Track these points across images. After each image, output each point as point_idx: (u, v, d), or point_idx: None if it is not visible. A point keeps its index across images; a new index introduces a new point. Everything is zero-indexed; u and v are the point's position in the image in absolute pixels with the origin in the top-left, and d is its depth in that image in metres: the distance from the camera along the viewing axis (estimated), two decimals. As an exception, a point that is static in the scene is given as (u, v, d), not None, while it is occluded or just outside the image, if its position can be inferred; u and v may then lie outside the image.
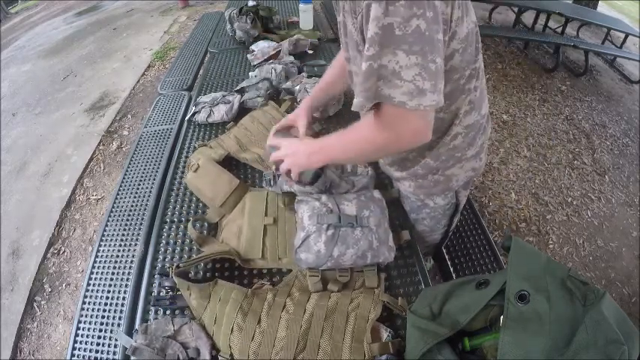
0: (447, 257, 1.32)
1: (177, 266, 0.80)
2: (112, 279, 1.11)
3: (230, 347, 0.70)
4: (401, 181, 0.96)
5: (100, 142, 2.96)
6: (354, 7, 0.63)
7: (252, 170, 1.14)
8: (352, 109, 0.66)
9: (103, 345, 0.98)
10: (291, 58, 1.63)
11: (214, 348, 0.72)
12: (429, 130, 0.65)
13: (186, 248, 0.94)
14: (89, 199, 2.49)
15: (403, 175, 0.93)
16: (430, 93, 0.58)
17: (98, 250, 1.20)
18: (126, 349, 0.71)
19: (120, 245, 1.19)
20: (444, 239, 1.19)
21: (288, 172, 0.86)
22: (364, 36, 0.61)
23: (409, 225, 1.01)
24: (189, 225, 0.94)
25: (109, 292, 1.08)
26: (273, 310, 0.74)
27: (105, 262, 1.16)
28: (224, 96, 1.38)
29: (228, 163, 1.13)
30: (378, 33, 0.56)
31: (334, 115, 1.33)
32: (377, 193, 0.92)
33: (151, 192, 1.33)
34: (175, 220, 1.02)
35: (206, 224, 0.99)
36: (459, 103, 0.76)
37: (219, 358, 0.70)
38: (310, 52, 1.78)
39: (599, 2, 5.21)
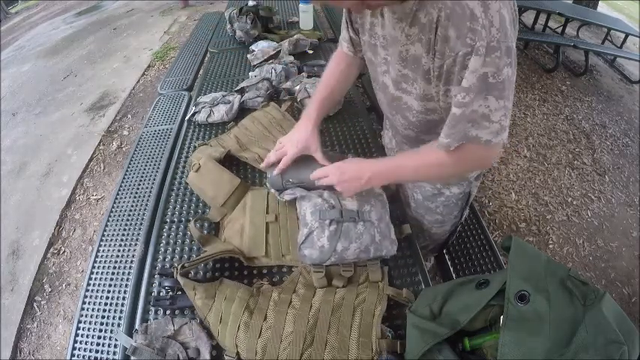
0: (447, 257, 1.32)
1: (183, 266, 0.79)
2: (112, 279, 1.11)
3: (237, 346, 0.70)
4: None
5: (100, 142, 2.96)
6: (442, 49, 0.62)
7: (252, 170, 1.14)
8: (437, 147, 0.70)
9: (103, 345, 0.98)
10: (291, 58, 1.63)
11: (214, 348, 0.72)
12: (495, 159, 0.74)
13: (187, 248, 0.94)
14: (89, 199, 2.49)
15: None
16: (508, 128, 0.64)
17: (98, 250, 1.20)
18: (126, 349, 0.71)
19: (120, 245, 1.19)
20: (451, 236, 1.20)
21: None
22: (446, 77, 0.65)
23: (411, 218, 1.02)
24: (191, 224, 0.94)
25: (109, 292, 1.08)
26: (279, 306, 0.75)
27: (105, 262, 1.16)
28: (224, 96, 1.38)
29: (229, 162, 1.14)
30: (476, 84, 0.60)
31: (334, 115, 1.33)
32: (377, 188, 0.92)
33: (151, 192, 1.33)
34: (175, 220, 1.02)
35: (207, 224, 0.99)
36: None
37: (226, 357, 0.70)
38: (310, 52, 1.78)
39: (599, 2, 5.21)
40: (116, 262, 1.15)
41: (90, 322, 1.03)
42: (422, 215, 1.11)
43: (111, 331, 1.00)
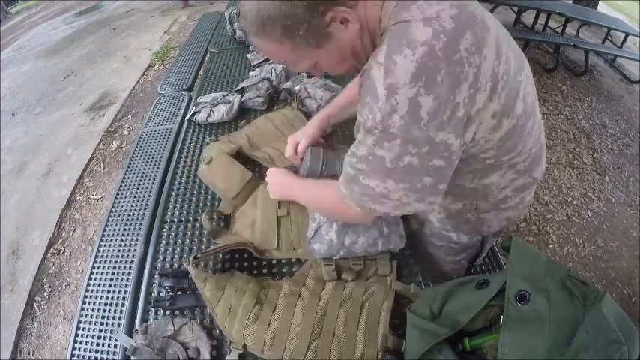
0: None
1: (195, 257, 0.80)
2: (112, 279, 1.10)
3: (244, 337, 0.70)
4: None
5: (100, 142, 2.97)
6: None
7: (263, 169, 1.12)
8: (336, 188, 0.66)
9: (103, 345, 0.98)
10: (291, 58, 1.63)
11: (214, 348, 0.73)
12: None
13: (187, 248, 0.94)
14: (89, 199, 2.49)
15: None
16: (415, 203, 0.59)
17: (98, 250, 1.19)
18: (126, 349, 0.71)
19: (120, 245, 1.19)
20: (454, 273, 1.09)
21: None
22: None
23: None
24: (204, 217, 0.94)
25: (109, 292, 1.08)
26: (288, 298, 0.75)
27: (105, 262, 1.16)
28: (224, 96, 1.38)
29: (240, 160, 1.13)
30: (369, 159, 0.56)
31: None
32: None
33: (151, 192, 1.33)
34: (175, 220, 1.02)
35: (217, 217, 0.99)
36: (493, 178, 0.71)
37: (232, 349, 0.70)
38: (310, 52, 1.78)
39: (599, 2, 5.21)
40: (116, 262, 1.15)
41: (90, 322, 1.02)
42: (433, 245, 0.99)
43: (111, 331, 0.99)
